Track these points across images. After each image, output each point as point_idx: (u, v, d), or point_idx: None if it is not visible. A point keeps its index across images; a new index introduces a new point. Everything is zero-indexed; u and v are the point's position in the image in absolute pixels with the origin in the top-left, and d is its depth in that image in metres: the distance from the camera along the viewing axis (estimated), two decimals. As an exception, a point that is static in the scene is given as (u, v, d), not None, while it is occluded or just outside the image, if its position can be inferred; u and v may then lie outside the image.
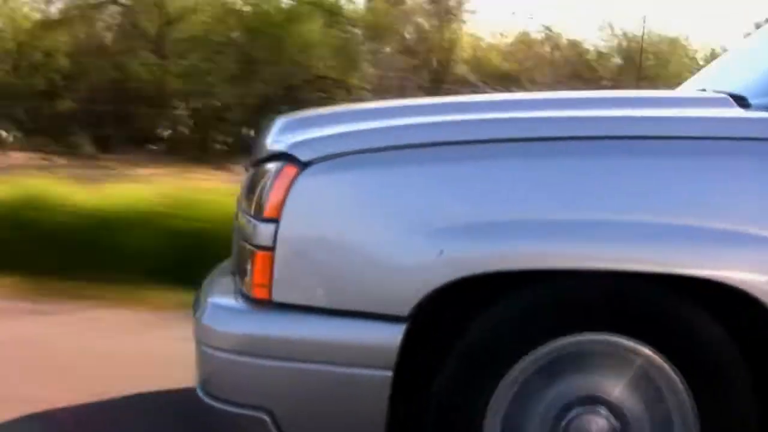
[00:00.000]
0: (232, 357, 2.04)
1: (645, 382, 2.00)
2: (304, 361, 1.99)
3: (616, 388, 2.00)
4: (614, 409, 2.00)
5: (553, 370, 1.99)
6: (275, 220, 2.03)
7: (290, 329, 2.01)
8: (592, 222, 1.95)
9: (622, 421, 2.00)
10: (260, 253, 2.06)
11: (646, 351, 1.98)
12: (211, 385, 2.10)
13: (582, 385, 2.01)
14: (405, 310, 1.95)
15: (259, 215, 2.08)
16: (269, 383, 2.02)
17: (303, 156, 2.04)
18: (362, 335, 1.98)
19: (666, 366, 1.98)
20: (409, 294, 1.95)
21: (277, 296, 2.03)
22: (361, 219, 2.01)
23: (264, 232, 2.05)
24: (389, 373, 1.95)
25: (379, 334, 1.96)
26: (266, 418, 2.02)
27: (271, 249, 2.03)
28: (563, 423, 1.99)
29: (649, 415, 2.01)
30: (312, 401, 2.01)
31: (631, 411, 2.00)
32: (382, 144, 2.03)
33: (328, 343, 1.99)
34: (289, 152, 2.07)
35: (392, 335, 1.95)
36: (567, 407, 2.00)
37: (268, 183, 2.08)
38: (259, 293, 2.06)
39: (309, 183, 2.02)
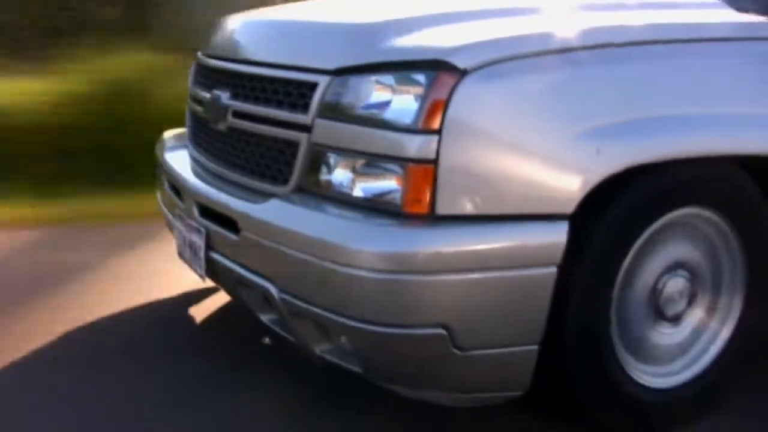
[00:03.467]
0: (402, 277, 1.94)
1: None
2: (475, 270, 1.97)
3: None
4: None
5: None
6: (435, 132, 1.94)
7: (459, 241, 1.96)
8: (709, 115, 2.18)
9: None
10: (416, 167, 1.96)
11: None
12: (376, 312, 1.98)
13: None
14: (569, 207, 2.02)
15: (406, 127, 1.96)
16: (443, 298, 1.97)
17: (461, 63, 1.95)
18: (531, 236, 2.01)
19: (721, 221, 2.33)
20: (571, 193, 2.02)
21: (442, 209, 1.96)
22: (524, 124, 1.99)
23: (421, 145, 1.94)
24: (555, 270, 2.03)
25: (547, 233, 2.02)
26: (444, 332, 1.98)
27: (431, 162, 1.94)
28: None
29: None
30: (484, 308, 2.01)
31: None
32: (539, 49, 2.02)
33: (497, 249, 1.99)
34: (444, 59, 1.96)
35: (558, 233, 2.02)
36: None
37: (418, 93, 1.95)
38: (417, 208, 1.97)
39: (470, 91, 1.95)
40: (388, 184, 2.01)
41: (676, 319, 2.36)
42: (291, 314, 2.17)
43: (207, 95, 2.67)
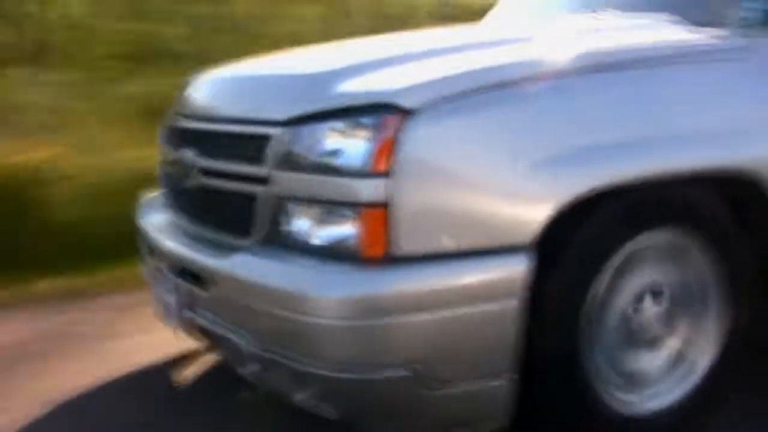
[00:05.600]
0: (361, 322, 1.95)
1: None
2: (436, 309, 1.98)
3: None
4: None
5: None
6: (385, 174, 1.96)
7: (417, 281, 1.97)
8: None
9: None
10: (369, 211, 1.97)
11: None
12: (340, 359, 1.99)
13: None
14: (527, 238, 2.03)
15: (357, 172, 1.98)
16: (406, 339, 1.98)
17: (406, 104, 1.97)
18: (490, 270, 2.02)
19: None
20: (531, 223, 2.03)
21: (399, 250, 1.98)
22: (476, 159, 2.01)
23: (372, 188, 1.96)
24: (519, 302, 2.03)
25: (507, 266, 2.02)
26: (411, 374, 1.98)
27: (384, 204, 1.96)
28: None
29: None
30: (450, 346, 2.01)
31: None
32: (487, 83, 2.04)
33: (456, 285, 2.00)
34: (389, 101, 1.98)
35: (518, 264, 2.03)
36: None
37: (366, 137, 1.98)
38: (373, 251, 1.98)
39: (419, 130, 1.97)
40: (345, 229, 2.02)
41: (653, 344, 2.35)
42: (263, 367, 2.18)
43: (176, 154, 2.71)
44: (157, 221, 2.88)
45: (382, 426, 2.18)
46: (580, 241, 2.13)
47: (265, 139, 2.21)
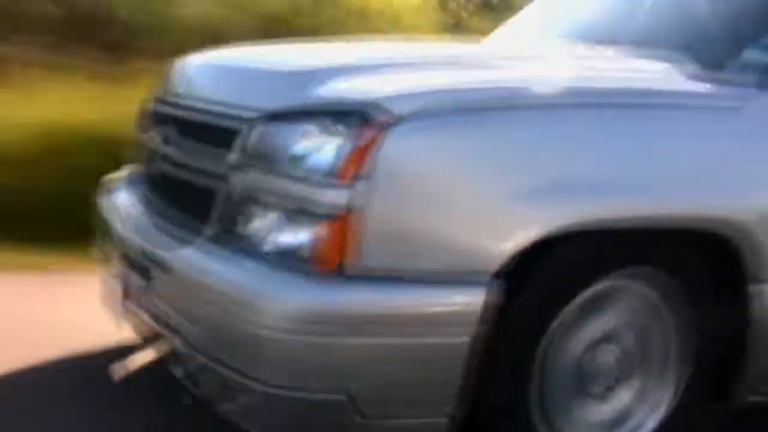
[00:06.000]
0: (301, 338, 1.83)
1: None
2: (385, 335, 1.86)
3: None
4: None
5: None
6: (350, 185, 1.84)
7: (365, 302, 1.86)
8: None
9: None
10: (328, 221, 1.85)
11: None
12: (270, 373, 1.86)
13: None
14: (486, 274, 1.91)
15: (321, 179, 1.86)
16: (346, 363, 1.86)
17: (384, 114, 1.86)
18: (443, 302, 1.90)
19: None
20: (496, 255, 1.91)
21: (352, 267, 1.85)
22: (452, 180, 1.90)
23: (335, 197, 1.85)
24: (470, 338, 1.91)
25: (461, 299, 1.90)
26: (345, 399, 1.86)
27: (345, 216, 1.84)
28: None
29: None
30: (391, 376, 1.89)
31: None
32: (471, 103, 1.93)
33: (406, 313, 1.88)
34: (367, 110, 1.87)
35: (475, 299, 1.90)
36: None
37: (337, 143, 1.86)
38: (325, 264, 1.86)
39: (395, 143, 1.86)
40: (300, 237, 1.90)
41: (604, 395, 2.22)
42: (194, 370, 2.05)
43: (145, 138, 2.60)
44: (117, 203, 2.75)
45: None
46: (542, 278, 2.01)
47: (232, 132, 2.09)
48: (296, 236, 1.90)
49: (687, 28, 2.62)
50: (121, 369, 2.89)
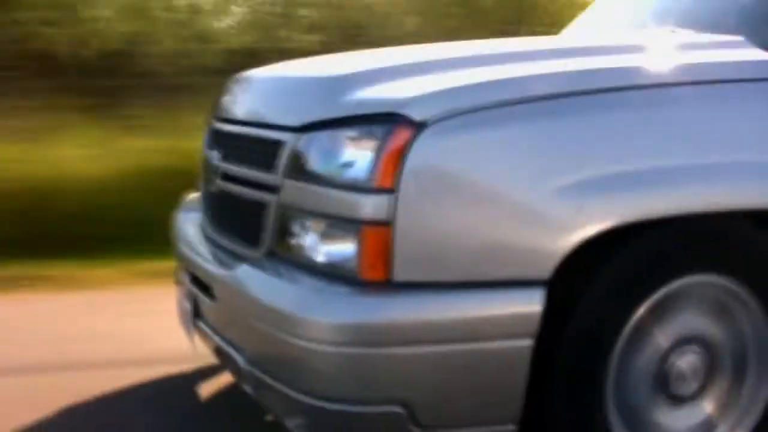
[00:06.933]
0: (353, 350, 1.79)
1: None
2: (436, 343, 1.80)
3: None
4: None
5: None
6: (389, 191, 1.79)
7: (417, 310, 1.80)
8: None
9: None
10: (370, 229, 1.81)
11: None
12: (326, 387, 1.83)
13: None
14: (545, 273, 1.83)
15: (360, 186, 1.82)
16: (400, 373, 1.81)
17: (417, 115, 1.81)
18: (500, 305, 1.83)
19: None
20: (548, 256, 1.83)
21: (400, 275, 1.81)
22: (491, 180, 1.83)
23: (374, 205, 1.80)
24: (530, 342, 1.83)
25: (520, 301, 1.83)
26: (401, 411, 1.81)
27: (386, 223, 1.80)
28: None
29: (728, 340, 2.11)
30: (448, 384, 1.83)
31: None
32: (507, 98, 1.86)
33: (461, 319, 1.81)
34: (398, 112, 1.82)
35: (533, 301, 1.83)
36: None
37: (372, 148, 1.82)
38: (372, 274, 1.82)
39: (429, 145, 1.80)
40: (346, 248, 1.86)
41: (687, 401, 2.10)
42: (258, 387, 2.04)
43: (205, 156, 2.62)
44: (185, 223, 2.78)
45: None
46: (607, 280, 1.92)
47: (277, 144, 2.07)
48: (340, 248, 1.87)
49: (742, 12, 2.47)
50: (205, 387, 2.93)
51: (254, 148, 2.21)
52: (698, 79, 2.03)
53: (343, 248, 1.86)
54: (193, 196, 3.21)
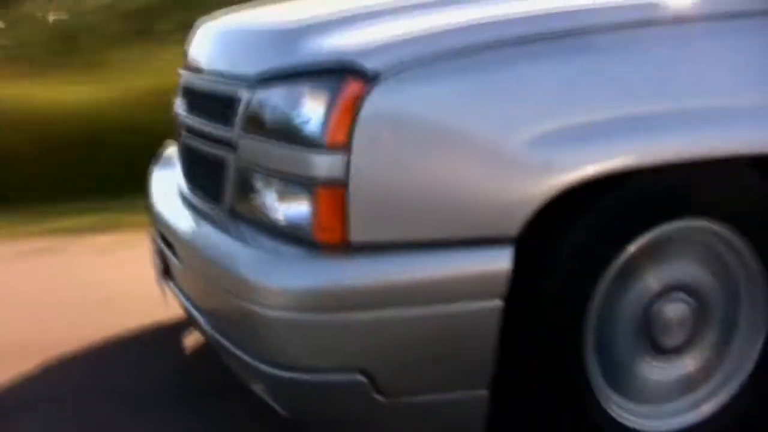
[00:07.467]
0: (310, 316, 1.69)
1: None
2: (400, 306, 1.70)
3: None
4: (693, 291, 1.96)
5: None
6: (342, 148, 1.68)
7: (379, 272, 1.69)
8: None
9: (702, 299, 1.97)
10: (324, 188, 1.70)
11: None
12: (283, 355, 1.74)
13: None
14: (512, 229, 1.72)
15: (312, 143, 1.71)
16: (360, 339, 1.71)
17: (371, 67, 1.68)
18: (465, 265, 1.72)
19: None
20: (514, 213, 1.71)
21: (358, 236, 1.70)
22: (451, 134, 1.70)
23: (328, 163, 1.69)
24: (498, 303, 1.73)
25: (486, 260, 1.72)
26: (362, 379, 1.72)
27: (341, 182, 1.68)
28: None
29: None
30: (413, 349, 1.73)
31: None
32: (468, 44, 1.71)
33: (424, 281, 1.71)
34: (351, 63, 1.69)
35: (500, 259, 1.72)
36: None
37: (323, 103, 1.70)
38: (328, 236, 1.71)
39: (385, 98, 1.67)
40: (300, 209, 1.75)
41: (672, 354, 1.99)
42: (221, 351, 1.97)
43: (174, 109, 2.51)
44: (161, 178, 2.69)
45: (334, 429, 1.94)
46: (582, 232, 1.80)
47: (233, 98, 1.95)
48: (295, 208, 1.76)
49: None
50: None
51: (212, 101, 2.09)
52: (670, 19, 1.87)
53: (298, 209, 1.76)
54: (172, 149, 3.11)
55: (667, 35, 1.82)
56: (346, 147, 1.67)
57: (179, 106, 2.40)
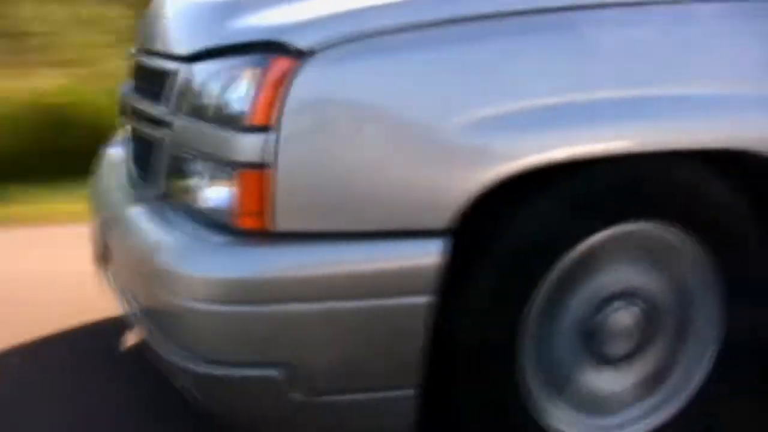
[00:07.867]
0: (226, 308, 1.60)
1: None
2: (324, 300, 1.61)
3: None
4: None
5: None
6: (268, 129, 1.59)
7: (302, 263, 1.61)
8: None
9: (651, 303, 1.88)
10: (247, 172, 1.61)
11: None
12: (201, 348, 1.65)
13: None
14: (444, 222, 1.63)
15: (238, 124, 1.62)
16: (280, 333, 1.62)
17: (301, 43, 1.59)
18: (394, 258, 1.63)
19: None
20: (447, 203, 1.62)
21: (282, 224, 1.61)
22: (383, 118, 1.61)
23: (252, 145, 1.60)
24: (428, 299, 1.64)
25: (416, 253, 1.63)
26: (279, 375, 1.63)
27: (266, 166, 1.60)
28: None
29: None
30: (335, 346, 1.64)
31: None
32: (402, 22, 1.63)
33: (352, 273, 1.62)
34: (279, 40, 1.60)
35: (431, 253, 1.63)
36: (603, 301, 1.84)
37: (249, 81, 1.61)
38: (251, 222, 1.62)
39: (314, 78, 1.58)
40: (224, 193, 1.67)
41: (620, 362, 1.90)
42: (146, 340, 1.88)
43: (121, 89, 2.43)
44: (109, 160, 2.60)
45: (252, 428, 1.84)
46: (521, 230, 1.70)
47: (167, 75, 1.87)
48: (219, 193, 1.67)
49: None
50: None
51: (152, 81, 2.01)
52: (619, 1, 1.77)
53: (222, 193, 1.67)
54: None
55: (616, 18, 1.72)
56: (273, 128, 1.58)
57: (126, 87, 2.32)
